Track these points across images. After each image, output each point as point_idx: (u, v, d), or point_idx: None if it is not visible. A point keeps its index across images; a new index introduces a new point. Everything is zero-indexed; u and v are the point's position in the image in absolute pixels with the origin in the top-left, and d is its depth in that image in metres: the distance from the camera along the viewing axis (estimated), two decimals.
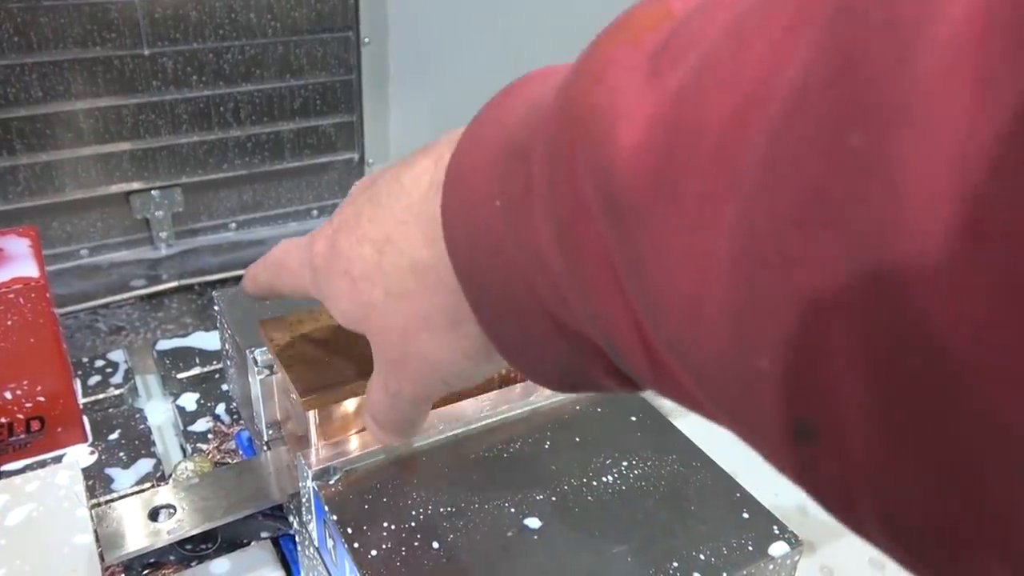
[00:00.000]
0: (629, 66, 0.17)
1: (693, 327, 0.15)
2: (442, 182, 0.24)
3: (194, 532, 0.40)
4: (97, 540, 0.39)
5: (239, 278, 0.79)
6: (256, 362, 0.41)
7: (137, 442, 0.54)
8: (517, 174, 0.21)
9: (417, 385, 0.29)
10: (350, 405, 0.39)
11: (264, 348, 0.41)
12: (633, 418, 0.41)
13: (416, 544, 0.33)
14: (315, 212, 0.88)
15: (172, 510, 0.41)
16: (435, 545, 0.33)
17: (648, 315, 0.17)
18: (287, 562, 0.46)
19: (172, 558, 0.45)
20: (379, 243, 0.27)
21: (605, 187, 0.17)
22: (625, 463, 0.38)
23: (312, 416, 0.37)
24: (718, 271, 0.14)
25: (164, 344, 0.63)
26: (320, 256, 0.30)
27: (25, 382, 0.49)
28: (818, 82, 0.13)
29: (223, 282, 0.77)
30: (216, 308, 0.47)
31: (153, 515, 0.41)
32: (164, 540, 0.40)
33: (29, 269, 0.47)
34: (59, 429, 0.51)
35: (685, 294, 0.15)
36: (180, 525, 0.40)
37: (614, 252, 0.17)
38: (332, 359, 0.38)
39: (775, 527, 0.34)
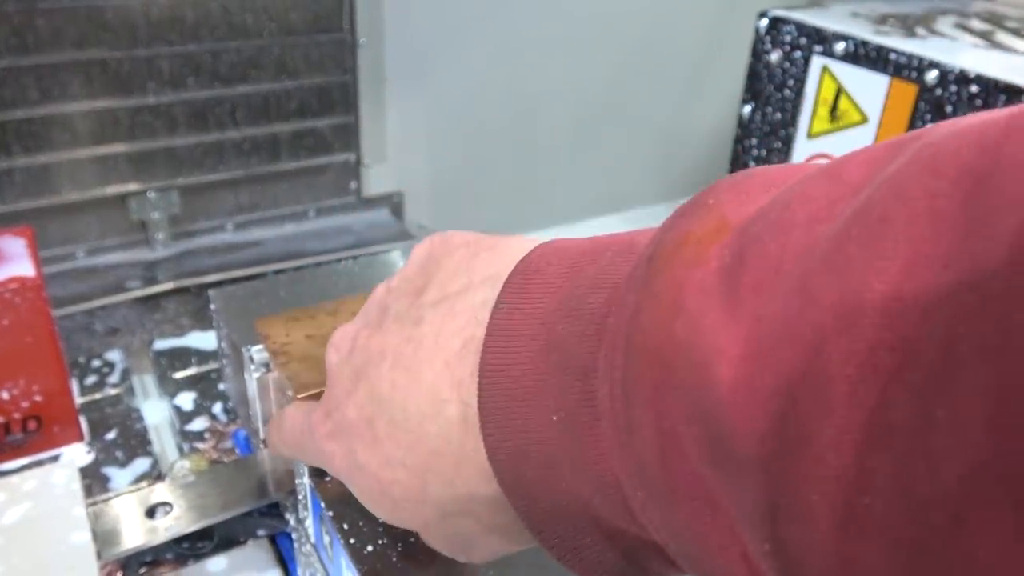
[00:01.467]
0: (703, 290, 0.16)
1: None
2: (474, 393, 0.22)
3: (191, 529, 0.40)
4: (94, 538, 0.39)
5: (236, 279, 0.79)
6: (252, 360, 0.41)
7: (134, 441, 0.54)
8: (575, 392, 0.19)
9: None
10: None
11: (260, 346, 0.41)
12: None
13: (412, 540, 0.33)
14: (312, 213, 0.88)
15: (169, 508, 0.41)
16: None
17: (776, 561, 0.15)
18: (284, 560, 0.46)
19: (169, 556, 0.45)
20: (418, 471, 0.25)
21: (710, 433, 0.15)
22: None
23: None
24: (874, 534, 0.13)
25: (161, 344, 0.63)
26: (339, 460, 0.28)
27: (21, 381, 0.49)
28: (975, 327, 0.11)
29: (220, 283, 0.77)
30: (212, 307, 0.47)
31: (150, 513, 0.41)
32: (161, 538, 0.40)
33: (25, 269, 0.47)
34: (56, 428, 0.51)
35: (834, 552, 0.13)
36: (177, 523, 0.40)
37: (722, 496, 0.16)
38: None
39: None
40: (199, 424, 0.55)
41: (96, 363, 0.61)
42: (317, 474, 0.36)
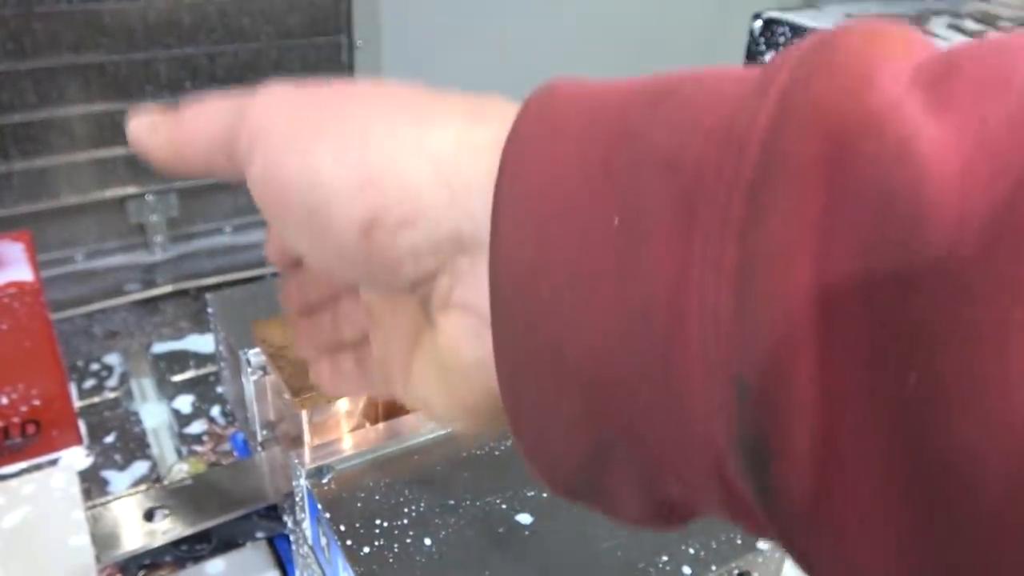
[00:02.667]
0: (900, 79, 0.13)
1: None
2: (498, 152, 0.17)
3: (189, 532, 0.41)
4: (92, 541, 0.39)
5: (235, 282, 0.79)
6: (249, 363, 0.41)
7: (132, 445, 0.54)
8: (655, 189, 0.15)
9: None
10: (342, 405, 0.39)
11: (257, 349, 0.41)
12: None
13: (408, 541, 0.34)
14: None
15: (167, 511, 0.41)
16: (427, 542, 0.34)
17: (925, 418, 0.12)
18: (282, 562, 0.46)
19: (168, 559, 0.45)
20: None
21: (896, 212, 0.12)
22: None
23: (305, 416, 0.38)
24: None
25: (159, 347, 0.63)
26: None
27: (20, 386, 0.49)
28: None
29: (219, 286, 0.77)
30: (210, 311, 0.47)
31: (148, 516, 0.41)
32: (159, 540, 0.40)
33: (23, 273, 0.48)
34: (54, 432, 0.51)
35: None
36: (175, 525, 0.40)
37: (898, 324, 0.12)
38: None
39: None
40: (197, 427, 0.55)
41: (95, 367, 0.61)
42: (314, 476, 0.37)
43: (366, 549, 0.33)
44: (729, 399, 0.14)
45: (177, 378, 0.59)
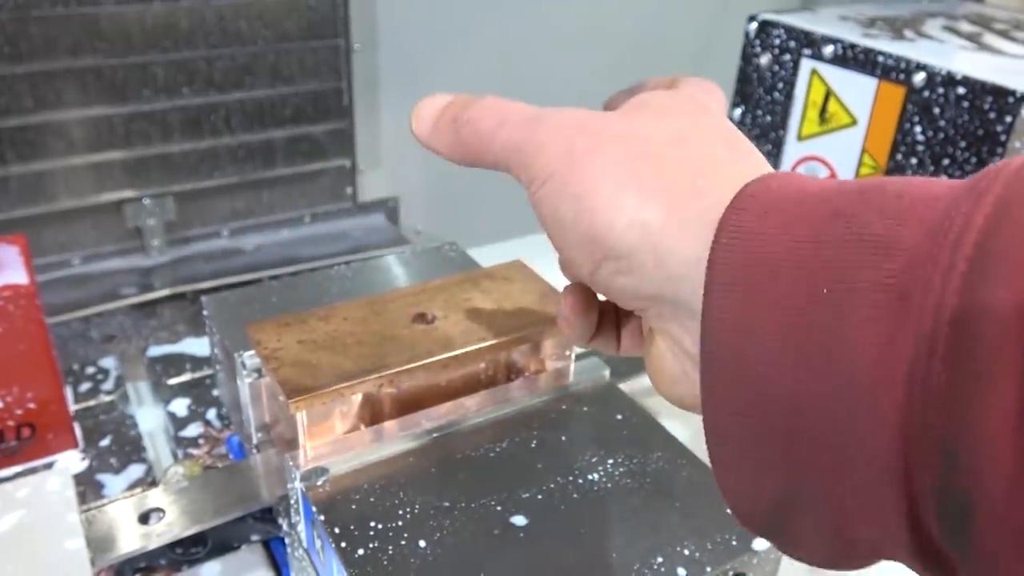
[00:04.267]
0: None
1: None
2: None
3: (184, 535, 0.40)
4: (87, 544, 0.39)
5: (232, 285, 0.79)
6: (244, 365, 0.41)
7: (128, 448, 0.54)
8: (864, 266, 0.17)
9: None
10: (337, 406, 0.39)
11: (252, 352, 0.41)
12: (619, 416, 0.41)
13: (403, 543, 0.34)
14: (307, 219, 0.88)
15: (162, 513, 0.41)
16: (421, 544, 0.34)
17: None
18: (278, 565, 0.46)
19: (163, 562, 0.45)
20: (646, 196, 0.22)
21: None
22: (611, 461, 0.38)
23: (300, 418, 0.38)
24: None
25: (155, 350, 0.63)
26: (553, 149, 0.23)
27: (15, 389, 0.49)
28: None
29: (216, 290, 0.77)
30: (205, 312, 0.47)
31: (143, 519, 0.41)
32: (154, 543, 0.40)
33: (18, 276, 0.47)
34: (50, 436, 0.51)
35: None
36: (169, 528, 0.40)
37: None
38: (319, 361, 0.38)
39: None
40: (193, 430, 0.55)
41: (90, 370, 0.61)
42: (309, 478, 0.37)
43: (360, 551, 0.33)
44: (933, 459, 0.15)
45: (173, 381, 0.59)
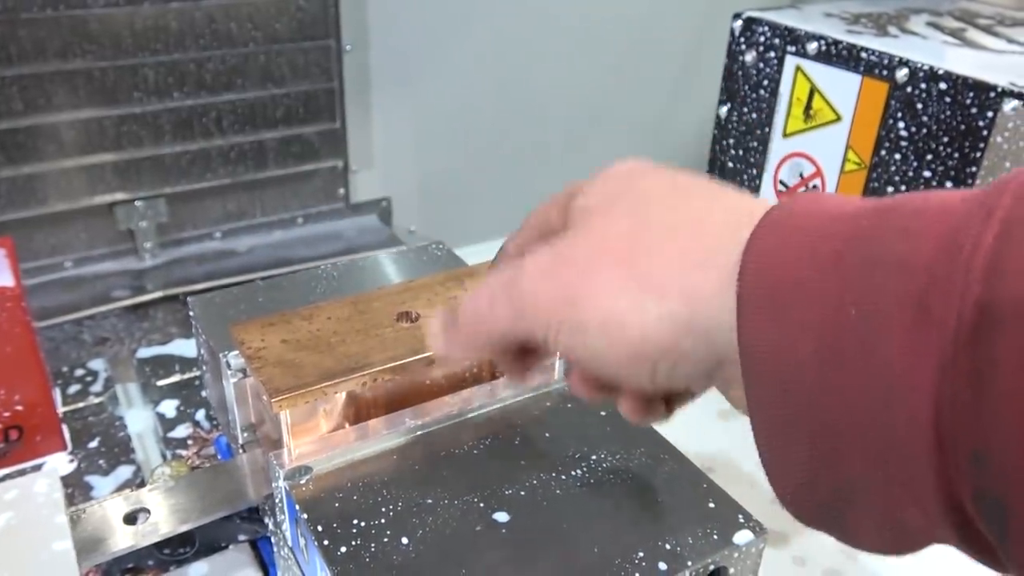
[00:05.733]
0: None
1: None
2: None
3: (170, 534, 0.40)
4: (74, 545, 0.39)
5: (224, 287, 0.79)
6: (229, 365, 0.41)
7: (117, 449, 0.54)
8: (889, 287, 0.18)
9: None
10: (321, 405, 0.39)
11: (237, 352, 0.41)
12: (603, 412, 0.41)
13: (385, 540, 0.34)
14: (300, 220, 0.88)
15: (148, 513, 0.41)
16: (404, 540, 0.34)
17: None
18: (265, 565, 0.46)
19: (151, 563, 0.45)
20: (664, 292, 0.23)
21: None
22: (594, 457, 0.38)
23: (284, 417, 0.38)
24: None
25: (144, 352, 0.63)
26: (549, 294, 0.25)
27: (2, 391, 0.49)
28: None
29: (208, 291, 0.77)
30: (191, 314, 0.47)
31: (129, 519, 0.41)
32: (141, 543, 0.40)
33: (4, 279, 0.48)
34: (38, 438, 0.51)
35: None
36: (156, 528, 0.40)
37: None
38: (303, 360, 0.38)
39: (740, 516, 0.35)
40: (182, 431, 0.55)
41: (79, 372, 0.61)
42: (293, 477, 0.37)
43: (343, 549, 0.33)
44: (967, 465, 0.16)
45: (162, 382, 0.59)
